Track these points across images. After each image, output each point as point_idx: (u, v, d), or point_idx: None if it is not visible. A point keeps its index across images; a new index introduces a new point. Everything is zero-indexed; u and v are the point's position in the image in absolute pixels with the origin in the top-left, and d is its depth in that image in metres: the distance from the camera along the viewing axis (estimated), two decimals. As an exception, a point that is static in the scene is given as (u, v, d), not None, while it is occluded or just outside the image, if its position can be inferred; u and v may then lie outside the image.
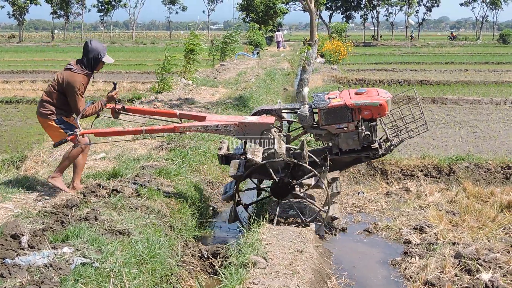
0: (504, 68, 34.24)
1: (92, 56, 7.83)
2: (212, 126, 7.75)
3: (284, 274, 5.97)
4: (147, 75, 26.92)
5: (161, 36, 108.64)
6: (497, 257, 6.83)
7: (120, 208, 7.26)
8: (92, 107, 7.81)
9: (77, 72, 7.73)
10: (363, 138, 7.87)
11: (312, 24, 18.30)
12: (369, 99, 7.78)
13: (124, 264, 5.63)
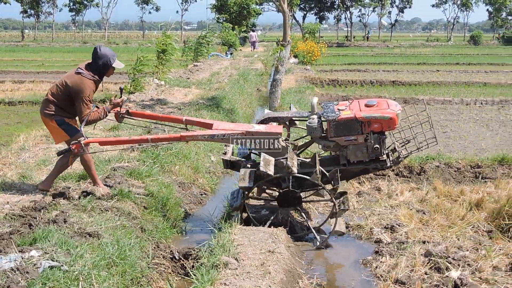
0: (474, 69, 34.63)
1: (101, 62, 7.73)
2: (219, 135, 7.63)
3: (256, 275, 5.96)
4: (120, 76, 26.70)
5: (134, 36, 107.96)
6: (466, 255, 6.90)
7: (90, 210, 7.19)
8: (97, 113, 7.74)
9: (87, 78, 7.63)
10: (372, 151, 7.85)
11: (285, 24, 18.32)
12: (380, 112, 7.72)
13: (93, 267, 5.57)
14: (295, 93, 20.42)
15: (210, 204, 9.77)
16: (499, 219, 7.98)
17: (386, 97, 20.68)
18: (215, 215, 8.89)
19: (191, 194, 9.82)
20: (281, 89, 18.03)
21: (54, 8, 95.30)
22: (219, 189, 10.72)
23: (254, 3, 63.54)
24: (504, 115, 17.65)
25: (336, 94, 21.73)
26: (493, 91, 23.45)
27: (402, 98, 20.46)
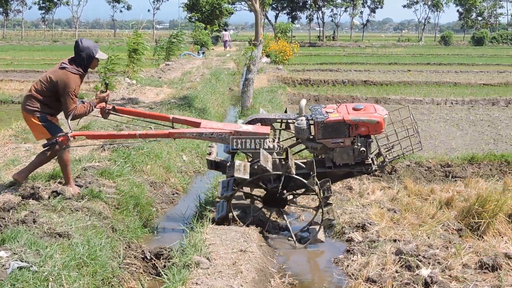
0: (445, 69, 35.00)
1: (84, 54, 7.70)
2: (207, 134, 7.76)
3: (227, 274, 5.95)
4: (90, 75, 26.41)
5: (105, 35, 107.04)
6: (436, 253, 6.96)
7: (60, 210, 7.12)
8: (83, 108, 7.68)
9: (72, 72, 7.59)
10: (358, 154, 7.92)
11: (257, 24, 18.30)
12: (367, 116, 7.84)
13: (63, 267, 5.52)
14: (267, 92, 20.44)
15: (182, 204, 9.75)
16: (468, 218, 8.06)
17: (358, 97, 20.84)
18: (187, 214, 8.86)
19: (163, 193, 9.78)
20: (253, 88, 18.01)
21: (23, 6, 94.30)
22: (191, 188, 10.70)
23: (226, 3, 63.45)
24: (474, 115, 17.85)
25: (308, 94, 21.80)
26: (463, 91, 23.70)
27: (373, 98, 20.62)
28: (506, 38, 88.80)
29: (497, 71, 34.06)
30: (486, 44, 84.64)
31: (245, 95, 17.27)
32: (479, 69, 35.50)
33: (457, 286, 6.28)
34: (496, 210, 7.85)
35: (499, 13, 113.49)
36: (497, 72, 33.44)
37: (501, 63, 41.35)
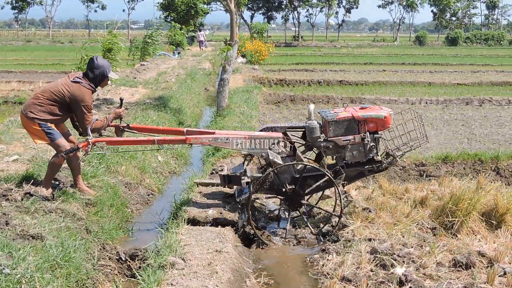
0: (419, 69, 35.29)
1: (98, 72, 7.91)
2: (222, 139, 7.89)
3: (203, 275, 5.94)
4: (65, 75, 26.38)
5: (80, 35, 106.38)
6: (411, 252, 6.99)
7: (34, 212, 7.06)
8: (100, 122, 7.93)
9: (86, 87, 7.77)
10: (368, 150, 8.07)
11: (232, 24, 18.30)
12: (375, 112, 8.09)
13: (36, 270, 5.47)
14: (243, 92, 20.44)
15: (157, 204, 9.72)
16: (442, 216, 8.12)
17: (334, 96, 20.93)
18: (163, 215, 8.83)
19: (138, 194, 9.73)
20: (228, 88, 18.00)
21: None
22: (166, 189, 10.67)
23: (202, 2, 63.37)
24: (448, 114, 18.00)
25: (284, 94, 21.84)
26: (437, 91, 23.91)
27: (349, 98, 20.73)
28: (480, 38, 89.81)
29: (471, 71, 34.45)
30: (460, 44, 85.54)
31: (220, 95, 17.26)
32: (453, 69, 35.86)
33: (431, 284, 6.31)
34: (470, 209, 7.92)
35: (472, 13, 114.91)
36: (471, 72, 33.81)
37: (475, 63, 41.77)
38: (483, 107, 20.41)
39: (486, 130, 15.33)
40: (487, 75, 31.67)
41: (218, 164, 10.74)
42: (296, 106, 20.22)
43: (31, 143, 10.12)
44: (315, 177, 7.99)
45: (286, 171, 7.94)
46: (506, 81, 27.73)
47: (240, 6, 61.38)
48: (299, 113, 18.14)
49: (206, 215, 7.90)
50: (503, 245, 7.36)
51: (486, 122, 16.87)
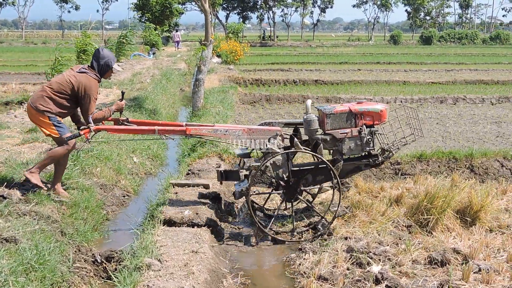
0: (394, 68, 35.46)
1: (103, 63, 8.10)
2: (222, 130, 8.05)
3: (179, 276, 5.92)
4: (38, 76, 26.17)
5: (53, 35, 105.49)
6: (387, 250, 7.05)
7: (7, 215, 6.96)
8: (102, 113, 8.05)
9: (93, 77, 7.92)
10: (365, 144, 8.20)
11: (207, 24, 18.31)
12: (371, 105, 8.27)
13: (10, 273, 5.41)
14: (218, 92, 20.41)
15: (133, 206, 9.67)
16: (417, 214, 8.17)
17: (309, 96, 20.96)
18: (139, 216, 8.78)
19: (113, 196, 9.67)
20: (204, 88, 17.96)
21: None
22: (142, 190, 10.61)
23: (177, 3, 63.22)
24: (423, 113, 18.10)
25: (260, 94, 21.85)
26: (412, 90, 24.06)
27: (324, 97, 20.80)
28: (454, 37, 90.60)
29: (445, 69, 34.73)
30: (434, 43, 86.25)
31: (196, 95, 17.22)
32: (428, 68, 36.11)
33: (407, 281, 6.36)
34: (444, 206, 7.98)
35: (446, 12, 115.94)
36: (445, 70, 34.08)
37: (449, 62, 42.08)
38: (457, 105, 20.58)
39: (460, 128, 15.44)
40: (461, 74, 31.94)
41: (194, 164, 10.73)
42: (272, 106, 20.24)
43: (3, 145, 10.04)
44: (312, 171, 8.08)
45: (283, 164, 7.95)
46: (480, 80, 27.98)
47: (215, 6, 61.30)
48: (274, 112, 18.15)
49: (182, 216, 7.86)
50: (478, 242, 7.42)
51: (460, 120, 17.00)
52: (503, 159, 11.36)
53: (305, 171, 8.09)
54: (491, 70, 34.52)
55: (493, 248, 7.34)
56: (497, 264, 6.77)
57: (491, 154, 11.38)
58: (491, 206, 8.32)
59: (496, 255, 7.14)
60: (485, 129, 15.43)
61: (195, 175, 10.08)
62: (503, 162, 11.30)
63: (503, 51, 63.44)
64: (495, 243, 7.51)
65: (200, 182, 9.31)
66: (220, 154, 11.17)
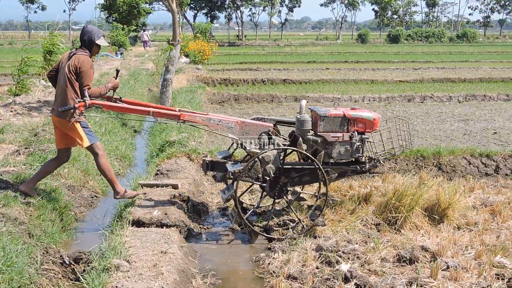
0: (362, 67, 35.69)
1: (86, 38, 8.03)
2: (215, 120, 8.06)
3: (148, 276, 5.89)
4: (4, 77, 25.87)
5: (19, 36, 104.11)
6: (355, 248, 7.08)
7: (-26, 218, 6.89)
8: (98, 89, 8.06)
9: (84, 54, 7.96)
10: (355, 150, 8.23)
11: (174, 24, 18.26)
12: (365, 113, 8.34)
13: (-23, 276, 5.34)
14: (186, 92, 20.34)
15: (102, 207, 9.60)
16: (386, 212, 8.22)
17: (277, 95, 21.01)
18: (107, 217, 8.73)
19: (81, 197, 9.58)
20: (172, 88, 17.91)
21: None
22: (110, 191, 10.48)
23: (144, 2, 62.82)
24: (391, 111, 18.24)
25: (228, 93, 21.84)
26: (380, 88, 24.25)
27: (292, 96, 20.87)
28: (421, 36, 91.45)
29: (413, 68, 35.03)
30: (402, 41, 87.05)
31: (164, 95, 17.16)
32: (395, 66, 36.37)
33: (376, 280, 6.39)
34: (413, 204, 8.04)
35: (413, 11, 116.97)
36: (412, 69, 34.39)
37: (416, 60, 42.45)
38: (425, 103, 20.78)
39: (428, 126, 15.59)
40: (428, 72, 32.26)
41: (163, 165, 10.68)
42: (241, 105, 20.23)
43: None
44: (298, 171, 8.08)
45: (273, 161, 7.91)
46: (447, 78, 28.28)
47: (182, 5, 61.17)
48: (243, 112, 18.15)
49: (151, 216, 7.83)
50: (446, 239, 7.50)
51: (428, 118, 17.16)
52: (470, 156, 11.49)
53: (291, 170, 8.07)
54: (458, 68, 34.94)
55: (461, 246, 7.42)
56: (465, 261, 6.84)
57: (458, 152, 11.50)
58: (458, 203, 8.40)
59: (464, 252, 7.21)
60: (453, 127, 15.59)
61: (164, 175, 10.04)
62: (470, 160, 11.42)
63: (469, 49, 64.24)
64: (463, 240, 7.58)
65: (169, 183, 9.28)
66: (189, 154, 11.14)
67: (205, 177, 10.59)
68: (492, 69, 34.42)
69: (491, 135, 14.35)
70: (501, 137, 14.09)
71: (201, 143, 12.32)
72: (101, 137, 12.80)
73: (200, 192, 9.82)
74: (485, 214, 8.69)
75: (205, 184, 10.31)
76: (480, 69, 34.74)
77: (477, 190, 9.95)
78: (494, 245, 7.36)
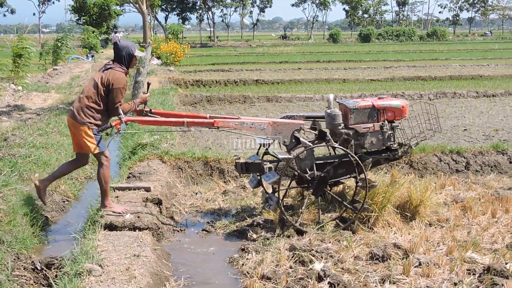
0: (334, 66, 35.84)
1: (124, 53, 8.05)
2: (248, 123, 8.02)
3: (121, 280, 5.86)
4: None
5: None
6: (329, 247, 7.12)
7: None
8: (128, 105, 8.01)
9: (120, 71, 7.92)
10: (387, 138, 8.37)
11: (145, 26, 18.17)
12: (393, 101, 8.52)
13: None
14: (158, 94, 20.27)
15: (74, 211, 9.52)
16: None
17: (250, 96, 21.02)
18: (79, 221, 8.65)
19: (53, 201, 9.48)
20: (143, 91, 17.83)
21: None
22: (82, 195, 10.45)
23: (115, 4, 62.45)
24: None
25: (200, 95, 21.82)
26: (351, 87, 24.38)
27: (265, 97, 20.90)
28: (392, 35, 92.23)
29: (384, 66, 35.27)
30: (373, 40, 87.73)
31: (135, 98, 17.05)
32: (367, 65, 36.63)
33: (349, 278, 6.42)
34: (385, 202, 8.08)
35: (383, 10, 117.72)
36: (383, 67, 34.63)
37: (387, 59, 42.79)
38: (396, 102, 20.89)
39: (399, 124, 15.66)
40: (399, 71, 32.48)
41: (135, 167, 10.62)
42: (213, 106, 20.22)
43: None
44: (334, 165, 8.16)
45: (307, 158, 7.99)
46: (418, 76, 28.51)
47: (153, 7, 60.92)
48: (216, 113, 18.09)
49: (124, 220, 7.78)
50: (418, 236, 7.54)
51: (398, 116, 17.25)
52: (441, 153, 11.58)
53: (327, 164, 8.15)
54: (429, 66, 35.22)
55: (432, 242, 7.47)
56: (437, 257, 6.89)
57: (429, 149, 11.59)
58: (430, 200, 8.45)
59: (435, 249, 7.26)
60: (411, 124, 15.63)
61: (136, 178, 9.98)
62: (441, 157, 11.52)
63: (440, 47, 64.87)
64: (434, 237, 7.64)
65: (142, 185, 9.23)
66: (161, 157, 11.09)
67: (177, 179, 10.56)
68: (461, 67, 34.78)
69: (461, 132, 14.49)
70: (471, 134, 14.24)
71: (173, 145, 12.27)
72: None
73: (173, 194, 9.79)
74: (456, 210, 8.76)
75: (178, 186, 10.28)
76: (450, 67, 35.06)
77: (448, 187, 10.03)
78: (465, 241, 7.43)
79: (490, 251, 7.17)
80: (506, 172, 11.26)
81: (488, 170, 11.36)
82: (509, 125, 15.59)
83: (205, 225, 8.55)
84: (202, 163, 10.97)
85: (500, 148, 11.76)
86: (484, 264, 6.66)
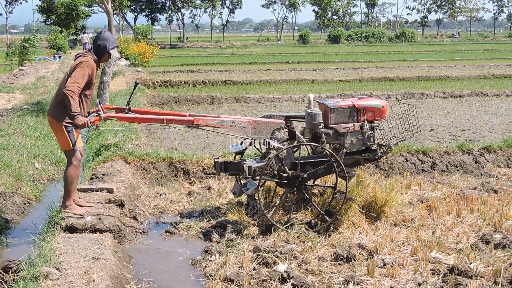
0: (303, 67, 35.90)
1: (101, 43, 7.84)
2: (228, 121, 8.04)
3: (79, 284, 5.73)
4: None
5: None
6: (293, 248, 7.05)
7: None
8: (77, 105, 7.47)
9: (89, 56, 7.73)
10: (366, 138, 8.36)
11: (110, 26, 17.98)
12: (373, 101, 8.57)
13: None
14: (125, 95, 20.07)
15: (35, 213, 9.33)
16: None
17: (218, 96, 20.93)
18: (39, 224, 8.47)
19: (13, 203, 9.28)
20: (109, 91, 17.68)
21: None
22: (44, 197, 10.25)
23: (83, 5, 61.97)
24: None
25: (168, 95, 21.67)
26: (320, 88, 24.40)
27: (233, 97, 20.82)
28: (361, 36, 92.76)
29: (353, 67, 35.43)
30: (342, 42, 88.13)
31: (101, 98, 16.92)
32: (336, 66, 36.73)
33: (313, 279, 6.35)
34: (350, 202, 8.02)
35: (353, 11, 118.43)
36: (352, 68, 34.77)
37: (356, 60, 42.96)
38: (364, 102, 20.94)
39: (366, 125, 15.69)
40: (367, 71, 32.64)
41: (98, 168, 10.46)
42: (181, 107, 20.09)
43: None
44: (313, 164, 8.13)
45: (286, 157, 7.96)
46: (386, 77, 28.66)
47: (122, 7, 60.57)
48: (183, 114, 17.98)
49: (85, 222, 7.62)
50: (383, 236, 7.51)
51: (366, 117, 17.28)
52: (407, 153, 11.58)
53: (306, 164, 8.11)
54: (397, 67, 35.45)
55: (397, 242, 7.44)
56: (402, 257, 6.85)
57: (395, 149, 11.56)
58: (395, 200, 8.42)
59: (400, 249, 7.24)
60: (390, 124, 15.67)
61: (99, 179, 9.81)
62: (407, 157, 11.52)
63: (408, 49, 65.39)
64: (399, 237, 7.60)
65: (104, 187, 9.08)
66: (125, 157, 10.94)
67: (142, 180, 10.42)
68: (429, 68, 35.06)
69: (428, 132, 14.53)
70: (437, 134, 14.30)
71: (138, 145, 12.13)
72: (35, 142, 12.52)
73: (136, 196, 9.65)
74: (421, 210, 8.75)
75: (142, 187, 10.13)
76: (418, 67, 35.32)
77: (413, 187, 10.02)
78: (430, 240, 7.40)
79: (455, 251, 7.16)
80: (472, 172, 11.30)
81: (454, 170, 11.39)
82: (475, 125, 15.69)
83: (169, 226, 8.42)
84: (167, 164, 10.85)
85: (465, 148, 11.81)
86: (448, 264, 6.65)
